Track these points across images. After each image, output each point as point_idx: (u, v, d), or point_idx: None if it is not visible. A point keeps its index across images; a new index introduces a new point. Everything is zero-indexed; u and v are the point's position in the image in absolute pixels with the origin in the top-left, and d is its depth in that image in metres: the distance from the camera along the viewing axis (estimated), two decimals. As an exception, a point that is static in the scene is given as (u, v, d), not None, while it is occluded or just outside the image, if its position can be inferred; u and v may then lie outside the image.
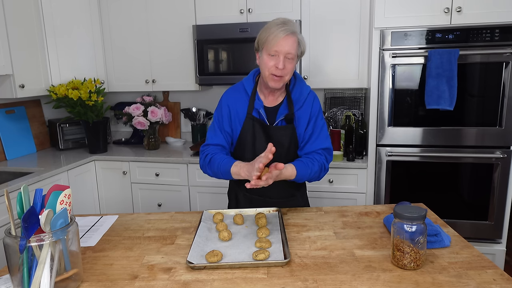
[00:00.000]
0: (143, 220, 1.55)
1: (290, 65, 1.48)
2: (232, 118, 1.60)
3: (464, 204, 2.40)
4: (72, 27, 2.86)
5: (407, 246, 1.10)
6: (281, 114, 1.57)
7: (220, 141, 1.61)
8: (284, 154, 1.58)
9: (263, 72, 1.51)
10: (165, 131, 3.33)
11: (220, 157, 1.54)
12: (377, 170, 2.48)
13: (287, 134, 1.57)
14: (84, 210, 2.74)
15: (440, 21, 2.26)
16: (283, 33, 1.42)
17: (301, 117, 1.58)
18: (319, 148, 1.58)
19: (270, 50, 1.45)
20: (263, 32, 1.48)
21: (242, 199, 1.70)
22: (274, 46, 1.44)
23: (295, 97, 1.58)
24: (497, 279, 1.05)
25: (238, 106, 1.60)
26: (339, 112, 2.91)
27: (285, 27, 1.44)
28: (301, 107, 1.58)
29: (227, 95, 1.64)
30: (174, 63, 2.90)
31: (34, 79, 2.65)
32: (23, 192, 1.03)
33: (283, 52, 1.44)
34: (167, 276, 1.12)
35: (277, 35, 1.42)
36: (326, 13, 2.60)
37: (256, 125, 1.57)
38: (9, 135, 2.80)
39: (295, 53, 1.47)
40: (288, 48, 1.44)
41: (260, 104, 1.57)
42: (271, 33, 1.44)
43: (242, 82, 1.64)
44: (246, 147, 1.60)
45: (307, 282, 1.07)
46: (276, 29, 1.43)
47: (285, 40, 1.43)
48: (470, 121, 2.32)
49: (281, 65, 1.44)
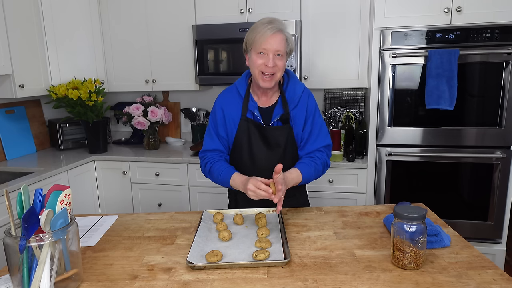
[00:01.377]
0: (143, 220, 1.55)
1: (280, 62, 1.47)
2: (226, 121, 1.60)
3: (464, 204, 2.40)
4: (72, 27, 2.86)
5: (407, 246, 1.10)
6: (276, 114, 1.57)
7: (217, 146, 1.60)
8: (281, 154, 1.58)
9: (253, 72, 1.51)
10: (165, 131, 3.33)
11: (219, 167, 1.54)
12: (377, 170, 2.48)
13: (283, 134, 1.57)
14: (84, 210, 2.74)
15: (440, 21, 2.26)
16: (271, 31, 1.43)
17: (297, 116, 1.57)
18: (321, 146, 1.58)
19: (259, 49, 1.45)
20: (250, 33, 1.48)
21: (242, 199, 1.70)
22: (262, 44, 1.43)
23: (289, 96, 1.57)
24: (497, 279, 1.05)
25: (232, 108, 1.60)
26: (339, 112, 2.91)
27: (271, 25, 1.44)
28: (296, 106, 1.57)
29: (220, 99, 1.64)
30: (174, 63, 2.90)
31: (34, 79, 2.65)
32: (23, 192, 1.03)
33: (272, 50, 1.44)
34: (167, 276, 1.12)
35: (265, 33, 1.43)
36: (326, 13, 2.60)
37: (251, 127, 1.57)
38: (9, 135, 2.80)
39: (284, 50, 1.47)
40: (276, 45, 1.44)
41: (254, 105, 1.57)
42: (258, 32, 1.44)
43: (235, 84, 1.64)
44: (242, 149, 1.59)
45: (307, 282, 1.06)
46: (263, 27, 1.43)
47: (273, 37, 1.43)
48: (470, 121, 2.32)
49: (271, 63, 1.44)
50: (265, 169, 1.58)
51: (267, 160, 1.58)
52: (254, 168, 1.60)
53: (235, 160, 1.63)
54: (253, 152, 1.58)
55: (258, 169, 1.59)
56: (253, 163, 1.59)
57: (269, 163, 1.58)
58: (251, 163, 1.60)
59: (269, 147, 1.58)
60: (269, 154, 1.58)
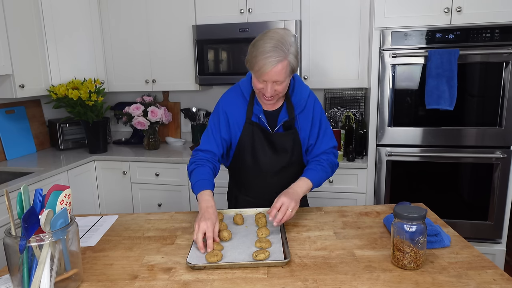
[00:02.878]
0: (143, 220, 1.55)
1: (280, 87, 1.41)
2: (230, 124, 1.56)
3: (464, 204, 2.40)
4: (72, 27, 2.86)
5: (407, 246, 1.10)
6: (282, 119, 1.54)
7: (211, 148, 1.56)
8: (287, 159, 1.57)
9: (254, 88, 1.47)
10: (165, 131, 3.33)
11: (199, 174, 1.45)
12: (377, 170, 2.48)
13: (289, 140, 1.55)
14: (84, 210, 2.74)
15: (440, 21, 2.26)
16: (270, 66, 1.32)
17: (303, 121, 1.55)
18: (327, 149, 1.58)
19: (258, 77, 1.38)
20: (251, 55, 1.37)
21: (242, 201, 1.69)
22: (262, 76, 1.36)
23: (295, 100, 1.54)
24: (497, 279, 1.05)
25: (236, 111, 1.56)
26: (339, 112, 2.91)
27: (272, 56, 1.32)
28: (303, 110, 1.55)
29: (224, 100, 1.59)
30: (174, 63, 2.90)
31: (34, 79, 2.65)
32: (23, 192, 1.03)
33: (271, 80, 1.37)
34: (167, 276, 1.12)
35: (264, 68, 1.33)
36: (326, 13, 2.60)
37: (256, 130, 1.54)
38: (9, 135, 2.80)
39: (284, 77, 1.38)
40: (276, 77, 1.36)
41: (259, 109, 1.53)
42: (257, 62, 1.34)
43: (239, 85, 1.59)
44: (246, 152, 1.57)
45: (307, 282, 1.07)
46: (263, 59, 1.32)
47: (273, 70, 1.33)
48: (470, 121, 2.32)
49: (268, 94, 1.40)
50: (269, 172, 1.58)
51: (272, 165, 1.57)
52: (257, 172, 1.59)
53: (238, 162, 1.62)
54: (256, 156, 1.56)
55: (262, 173, 1.59)
56: (257, 166, 1.58)
57: (275, 167, 1.58)
58: (254, 166, 1.58)
59: (275, 151, 1.56)
60: (274, 158, 1.57)
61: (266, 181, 1.60)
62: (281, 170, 1.59)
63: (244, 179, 1.66)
